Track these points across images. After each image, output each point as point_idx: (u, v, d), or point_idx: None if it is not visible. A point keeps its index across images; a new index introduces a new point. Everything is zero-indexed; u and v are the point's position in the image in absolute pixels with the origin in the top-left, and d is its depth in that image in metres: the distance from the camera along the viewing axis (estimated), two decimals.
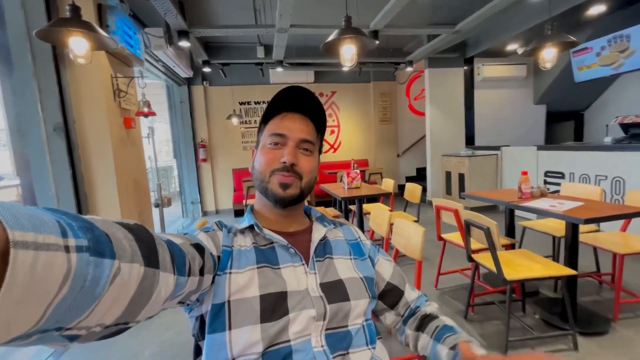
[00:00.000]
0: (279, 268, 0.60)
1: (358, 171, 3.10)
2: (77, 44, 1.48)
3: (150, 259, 0.36)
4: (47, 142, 2.15)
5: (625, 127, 3.68)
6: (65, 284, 0.25)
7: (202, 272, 0.50)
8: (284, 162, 0.63)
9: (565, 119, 6.13)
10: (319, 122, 0.71)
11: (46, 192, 2.17)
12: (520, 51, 5.17)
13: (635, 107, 4.87)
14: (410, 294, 0.73)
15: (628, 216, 1.67)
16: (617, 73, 4.47)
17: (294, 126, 0.66)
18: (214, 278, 0.56)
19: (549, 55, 2.18)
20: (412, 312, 0.71)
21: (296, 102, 0.67)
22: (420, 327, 0.67)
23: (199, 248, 0.52)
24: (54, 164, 2.17)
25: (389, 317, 0.73)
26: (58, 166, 2.18)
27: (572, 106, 5.89)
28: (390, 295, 0.71)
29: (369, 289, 0.65)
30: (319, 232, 0.69)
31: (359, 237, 0.75)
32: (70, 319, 0.27)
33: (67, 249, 0.25)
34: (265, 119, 0.69)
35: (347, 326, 0.60)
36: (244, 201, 4.77)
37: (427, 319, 0.68)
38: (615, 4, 3.78)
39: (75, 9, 1.45)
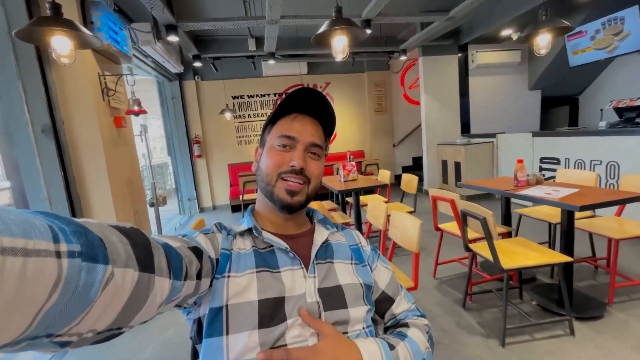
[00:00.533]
0: (279, 272, 0.59)
1: (354, 163, 3.09)
2: (60, 43, 1.43)
3: (146, 263, 0.35)
4: (36, 144, 2.10)
5: (619, 111, 3.67)
6: (56, 291, 0.25)
7: (199, 276, 0.49)
8: (293, 166, 0.62)
9: (560, 104, 6.12)
10: (327, 125, 0.70)
11: (38, 195, 2.14)
12: (514, 37, 5.12)
13: (629, 91, 4.87)
14: (400, 306, 0.70)
15: (623, 202, 1.68)
16: (612, 56, 4.45)
17: (304, 129, 0.65)
18: (212, 281, 0.55)
19: (543, 41, 2.15)
20: (396, 322, 0.69)
21: (307, 103, 0.66)
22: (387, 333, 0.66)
23: (197, 251, 0.51)
24: (45, 166, 2.13)
25: (380, 330, 0.71)
26: (49, 168, 2.14)
27: (566, 91, 5.88)
28: (382, 305, 0.69)
29: (366, 297, 0.64)
30: (321, 235, 0.68)
31: (360, 243, 0.74)
32: (61, 326, 0.27)
33: (58, 254, 0.25)
34: (274, 119, 0.67)
35: (346, 332, 0.59)
36: (240, 196, 4.75)
37: (398, 325, 0.67)
38: None
39: (56, 7, 1.40)
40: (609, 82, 5.38)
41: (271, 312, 0.54)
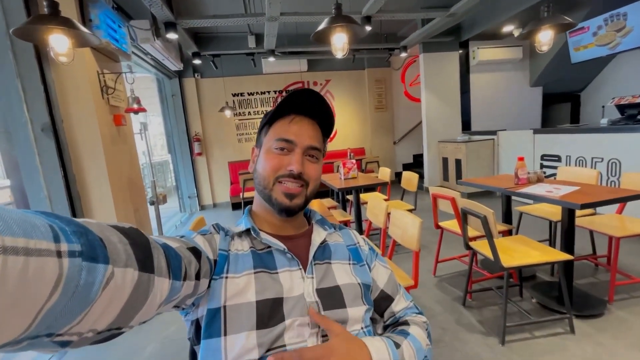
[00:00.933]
0: (277, 272, 0.59)
1: (354, 161, 3.08)
2: (58, 42, 1.42)
3: (145, 263, 0.35)
4: (36, 142, 2.10)
5: (621, 108, 3.65)
6: (57, 290, 0.25)
7: (198, 276, 0.49)
8: (292, 171, 0.61)
9: (561, 100, 6.08)
10: (326, 126, 0.69)
11: (38, 194, 2.14)
12: (516, 33, 5.08)
13: (631, 88, 4.83)
14: (399, 304, 0.70)
15: (624, 200, 1.67)
16: (614, 53, 4.42)
17: (302, 132, 0.64)
18: (210, 282, 0.55)
19: (545, 38, 2.13)
20: (395, 320, 0.69)
21: (305, 104, 0.65)
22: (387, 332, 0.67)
23: (196, 252, 0.51)
24: (44, 165, 2.13)
25: (380, 329, 0.71)
26: (48, 167, 2.14)
27: (568, 88, 5.84)
28: (381, 304, 0.69)
29: (365, 297, 0.64)
30: (319, 235, 0.68)
31: (358, 242, 0.74)
32: (61, 325, 0.27)
33: (59, 254, 0.25)
34: (271, 120, 0.66)
35: None
36: (241, 194, 4.76)
37: (397, 324, 0.67)
38: None
39: (53, 5, 1.39)
40: (611, 78, 5.34)
41: (269, 312, 0.54)
